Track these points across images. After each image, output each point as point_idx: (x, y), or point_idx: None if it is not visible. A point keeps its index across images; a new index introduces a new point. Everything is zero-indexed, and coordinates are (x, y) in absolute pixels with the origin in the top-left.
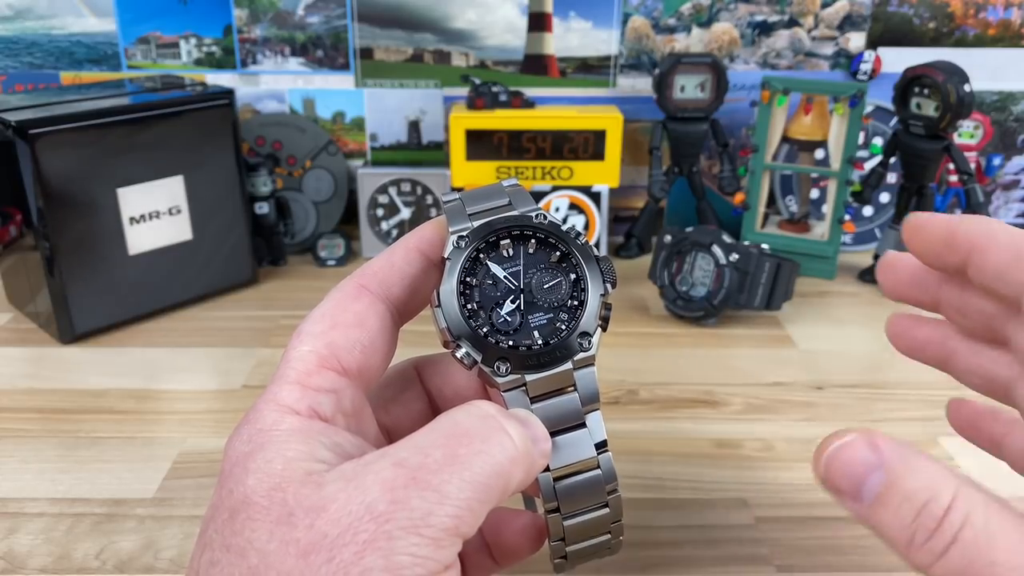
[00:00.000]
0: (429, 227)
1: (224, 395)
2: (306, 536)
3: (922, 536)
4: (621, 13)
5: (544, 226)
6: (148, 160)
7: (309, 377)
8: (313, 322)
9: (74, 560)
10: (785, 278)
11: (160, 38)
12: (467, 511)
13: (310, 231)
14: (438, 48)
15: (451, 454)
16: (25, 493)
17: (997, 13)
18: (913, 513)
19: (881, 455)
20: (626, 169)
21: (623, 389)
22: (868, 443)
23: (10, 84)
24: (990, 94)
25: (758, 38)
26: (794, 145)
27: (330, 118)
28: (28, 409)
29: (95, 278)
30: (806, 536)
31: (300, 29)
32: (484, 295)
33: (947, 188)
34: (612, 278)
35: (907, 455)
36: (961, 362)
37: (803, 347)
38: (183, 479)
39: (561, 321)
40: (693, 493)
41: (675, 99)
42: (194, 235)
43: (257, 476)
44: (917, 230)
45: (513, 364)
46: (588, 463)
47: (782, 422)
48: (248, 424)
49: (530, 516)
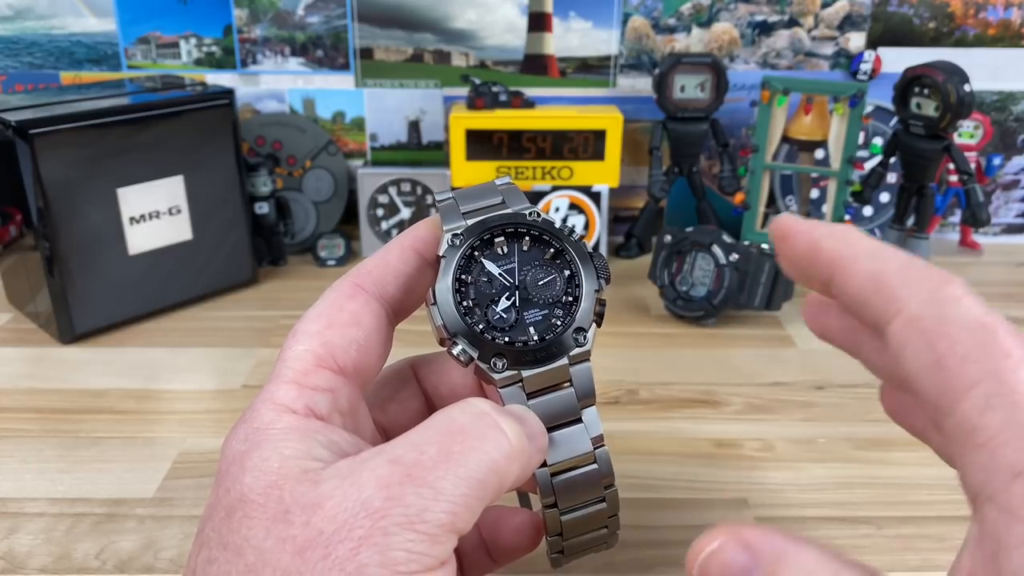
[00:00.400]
0: (423, 226)
1: (224, 395)
2: (302, 533)
3: None
4: (621, 13)
5: (538, 223)
6: (148, 160)
7: (306, 376)
8: (309, 321)
9: (74, 560)
10: (785, 278)
11: (160, 38)
12: (463, 507)
13: (310, 231)
14: (438, 48)
15: (446, 451)
16: (25, 493)
17: (997, 13)
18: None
19: (753, 554)
20: (626, 169)
21: (623, 389)
22: (738, 543)
23: (10, 84)
24: (990, 94)
25: (758, 38)
26: (794, 145)
27: (330, 118)
28: (28, 409)
29: (95, 278)
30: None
31: (300, 29)
32: (479, 292)
33: (947, 188)
34: (606, 274)
35: (782, 548)
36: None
37: (803, 347)
38: (183, 479)
39: (556, 317)
40: (693, 493)
41: (675, 99)
42: (194, 235)
43: (254, 474)
44: (783, 238)
45: (509, 360)
46: (585, 458)
47: (782, 422)
48: (245, 423)
49: (527, 514)
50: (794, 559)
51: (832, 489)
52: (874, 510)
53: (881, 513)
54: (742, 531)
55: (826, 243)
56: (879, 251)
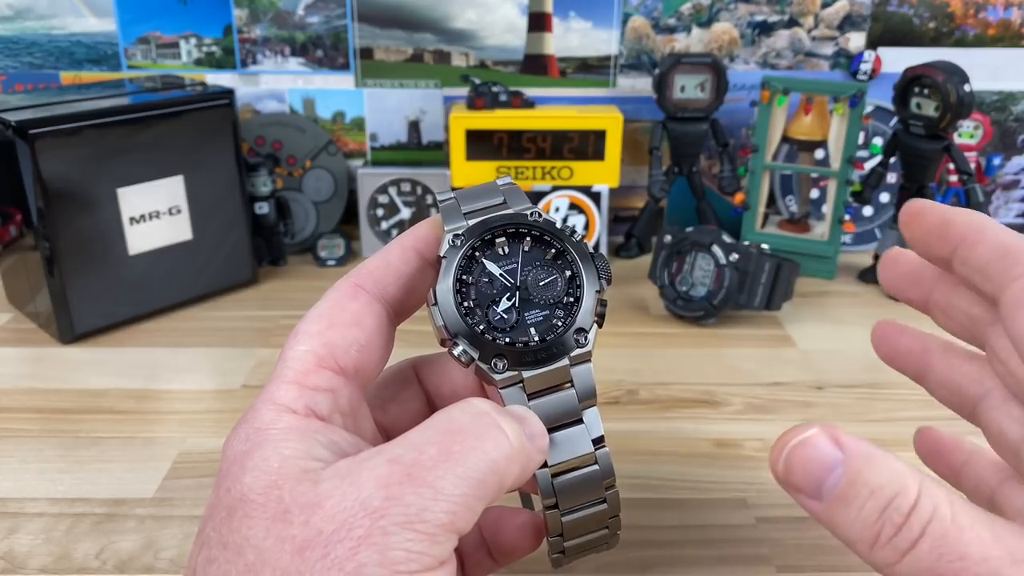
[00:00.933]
0: (424, 226)
1: (224, 395)
2: (302, 532)
3: (889, 532)
4: (621, 13)
5: (539, 224)
6: (148, 160)
7: (306, 376)
8: (310, 322)
9: (74, 560)
10: (785, 278)
11: (160, 38)
12: (462, 507)
13: (310, 231)
14: (438, 48)
15: (446, 451)
16: (25, 493)
17: (997, 13)
18: (879, 508)
19: (843, 450)
20: (626, 169)
21: (623, 389)
22: (829, 437)
23: (10, 84)
24: (990, 94)
25: (758, 38)
26: (794, 145)
27: (330, 118)
28: (28, 409)
29: (95, 278)
30: (806, 536)
31: (300, 29)
32: (480, 293)
33: (947, 188)
34: (607, 275)
35: (869, 451)
36: (935, 376)
37: (803, 347)
38: (183, 479)
39: (557, 318)
40: (693, 493)
41: (675, 99)
42: (194, 235)
43: (254, 474)
44: (914, 216)
45: (510, 361)
46: (586, 459)
47: (782, 422)
48: (246, 423)
49: (528, 514)
50: (882, 461)
51: None
52: None
53: None
54: (835, 429)
55: (957, 218)
56: (1007, 231)
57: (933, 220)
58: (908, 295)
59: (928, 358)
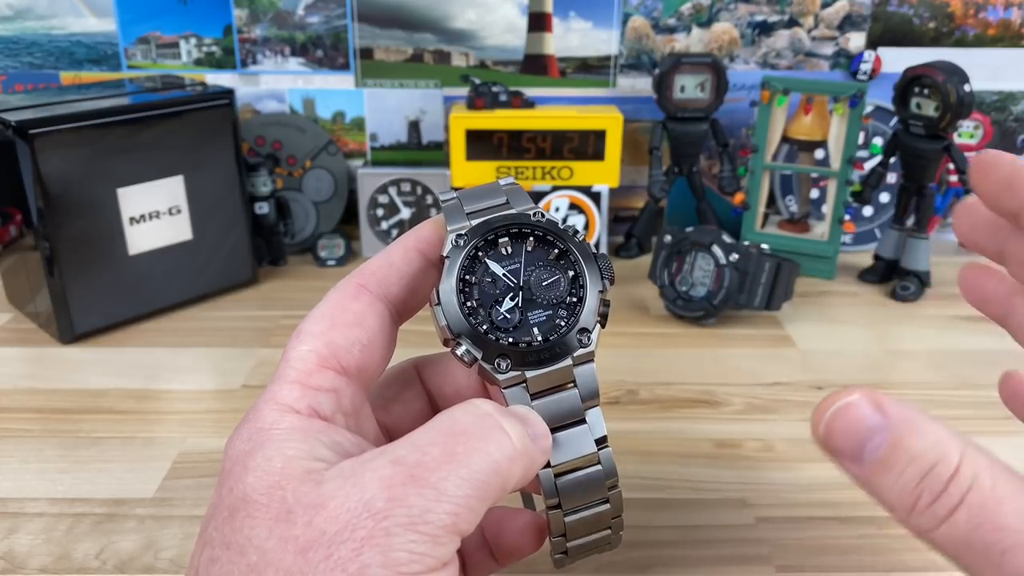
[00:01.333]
0: (427, 226)
1: (224, 395)
2: (304, 533)
3: (927, 499)
4: (621, 13)
5: (542, 224)
6: (148, 160)
7: (309, 376)
8: (312, 322)
9: (74, 560)
10: (785, 278)
11: (160, 38)
12: (465, 508)
13: (310, 231)
14: (438, 48)
15: (449, 452)
16: (25, 493)
17: (997, 13)
18: (919, 475)
19: (886, 415)
20: (626, 169)
21: (623, 389)
22: (872, 403)
23: (10, 84)
24: (990, 94)
25: (758, 38)
26: (794, 145)
27: (330, 118)
28: (28, 409)
29: (95, 278)
30: (806, 536)
31: (300, 29)
32: (483, 293)
33: (947, 188)
34: (610, 275)
35: (912, 416)
36: (1016, 319)
37: (803, 347)
38: (183, 479)
39: (560, 318)
40: (693, 493)
41: (675, 99)
42: (194, 235)
43: (256, 474)
44: (985, 167)
45: (513, 361)
46: (589, 459)
47: (782, 422)
48: (248, 423)
49: (531, 515)
50: (925, 426)
51: (832, 489)
52: (874, 510)
53: (881, 513)
54: (877, 394)
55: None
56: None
57: (1002, 172)
58: (982, 245)
59: (1013, 300)
